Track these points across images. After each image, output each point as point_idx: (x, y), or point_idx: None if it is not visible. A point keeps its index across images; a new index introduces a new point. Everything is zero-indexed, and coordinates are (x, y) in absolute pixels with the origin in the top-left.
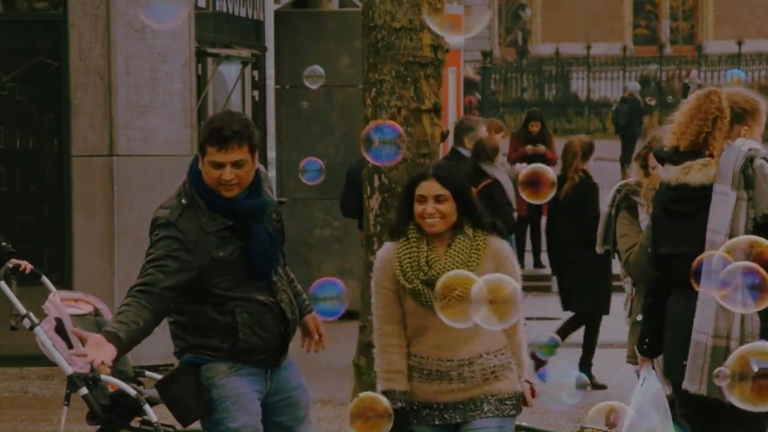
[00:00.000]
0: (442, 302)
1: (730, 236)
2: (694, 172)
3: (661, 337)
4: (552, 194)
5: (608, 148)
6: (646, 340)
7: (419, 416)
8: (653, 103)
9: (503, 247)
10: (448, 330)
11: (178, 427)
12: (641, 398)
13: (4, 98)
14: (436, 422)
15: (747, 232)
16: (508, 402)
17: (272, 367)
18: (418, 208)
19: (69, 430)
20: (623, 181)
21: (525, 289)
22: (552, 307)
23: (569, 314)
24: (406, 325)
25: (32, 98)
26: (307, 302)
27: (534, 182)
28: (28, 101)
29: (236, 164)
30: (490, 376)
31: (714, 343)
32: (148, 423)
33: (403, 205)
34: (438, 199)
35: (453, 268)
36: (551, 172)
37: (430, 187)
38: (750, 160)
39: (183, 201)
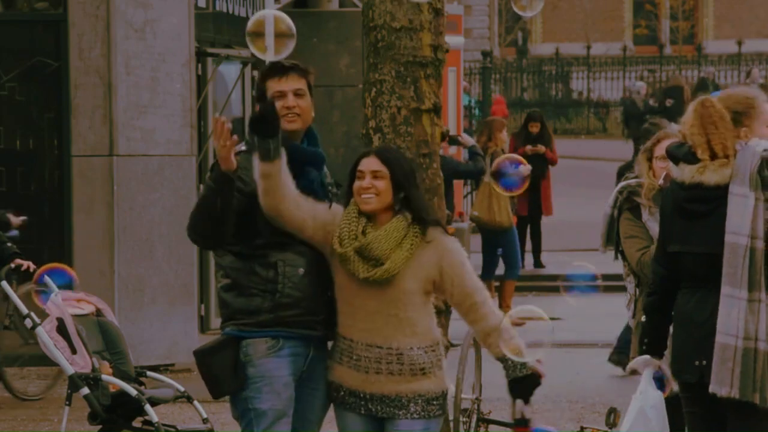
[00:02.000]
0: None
1: (752, 238)
2: (709, 172)
3: (663, 336)
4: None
5: (608, 147)
6: (646, 340)
7: (346, 402)
8: (656, 104)
9: (443, 236)
10: (378, 315)
11: (180, 426)
12: (640, 405)
13: (4, 98)
14: (362, 411)
15: (765, 233)
16: (435, 402)
17: (316, 339)
18: (356, 184)
19: (70, 430)
20: (624, 182)
21: (525, 289)
22: (552, 307)
23: (569, 313)
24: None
25: (32, 98)
26: None
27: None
28: (28, 101)
29: (297, 93)
30: (419, 372)
31: (745, 345)
32: (150, 423)
33: (348, 183)
34: (375, 174)
35: (385, 242)
36: None
37: (368, 163)
38: (766, 161)
39: (243, 147)
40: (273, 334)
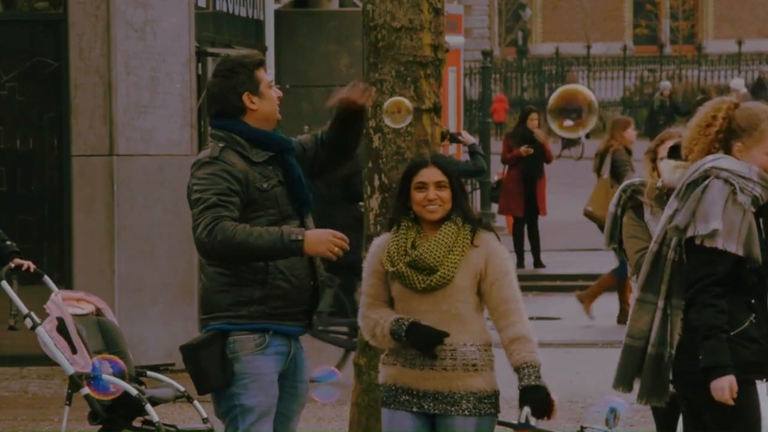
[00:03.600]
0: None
1: (661, 245)
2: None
3: None
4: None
5: None
6: None
7: (398, 401)
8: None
9: (493, 241)
10: (432, 313)
11: (180, 426)
12: None
13: (4, 98)
14: (414, 409)
15: (675, 247)
16: (486, 401)
17: (296, 337)
18: (418, 195)
19: (70, 430)
20: (628, 181)
21: (525, 289)
22: (552, 307)
23: (569, 313)
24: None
25: (32, 98)
26: None
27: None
28: (28, 101)
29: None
30: (471, 369)
31: (628, 342)
32: (150, 423)
33: (402, 195)
34: (439, 185)
35: (436, 250)
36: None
37: (431, 174)
38: (705, 177)
39: (220, 144)
40: (260, 327)
